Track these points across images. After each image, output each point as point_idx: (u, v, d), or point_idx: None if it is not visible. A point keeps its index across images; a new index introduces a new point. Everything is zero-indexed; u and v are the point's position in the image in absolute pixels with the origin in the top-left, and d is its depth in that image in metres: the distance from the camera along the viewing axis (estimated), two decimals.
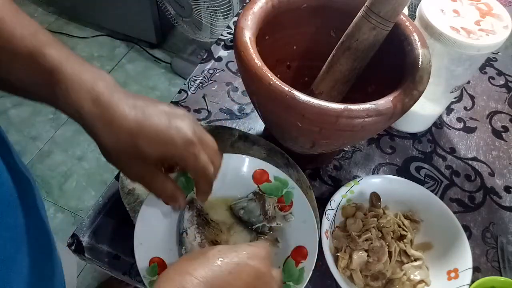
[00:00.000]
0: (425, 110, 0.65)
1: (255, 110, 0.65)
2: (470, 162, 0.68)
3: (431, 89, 0.50)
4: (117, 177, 0.58)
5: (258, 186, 0.53)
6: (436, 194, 0.60)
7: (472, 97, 0.77)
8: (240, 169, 0.53)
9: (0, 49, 0.33)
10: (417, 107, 0.50)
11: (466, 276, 0.51)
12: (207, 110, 0.69)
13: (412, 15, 0.70)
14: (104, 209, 0.57)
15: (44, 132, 1.61)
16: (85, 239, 0.54)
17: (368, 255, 0.52)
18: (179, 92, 0.71)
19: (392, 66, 0.50)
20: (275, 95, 0.43)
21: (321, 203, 0.57)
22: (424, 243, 0.56)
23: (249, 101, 0.70)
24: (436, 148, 0.69)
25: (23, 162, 0.45)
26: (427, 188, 0.59)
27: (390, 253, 0.53)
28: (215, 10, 1.39)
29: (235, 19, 0.87)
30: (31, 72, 0.33)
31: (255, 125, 0.68)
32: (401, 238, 0.55)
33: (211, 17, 1.42)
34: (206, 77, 0.74)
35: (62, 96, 0.33)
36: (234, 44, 0.47)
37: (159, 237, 0.48)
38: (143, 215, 0.47)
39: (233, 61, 0.77)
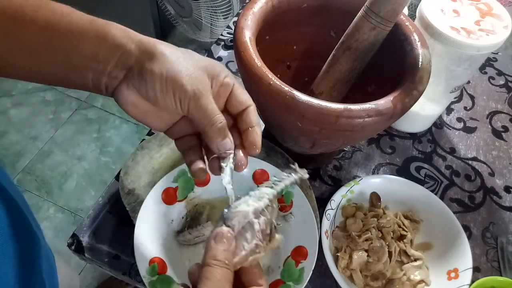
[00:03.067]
0: (425, 110, 0.65)
1: None
2: (470, 162, 0.68)
3: (431, 89, 0.50)
4: (117, 177, 0.58)
5: (258, 186, 0.53)
6: (436, 194, 0.60)
7: (472, 97, 0.77)
8: None
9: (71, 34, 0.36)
10: (417, 107, 0.50)
11: (466, 276, 0.51)
12: None
13: (412, 15, 0.70)
14: (104, 209, 0.57)
15: (44, 132, 1.61)
16: (85, 239, 0.55)
17: (368, 255, 0.52)
18: None
19: (392, 66, 0.50)
20: (275, 95, 0.43)
21: (321, 203, 0.57)
22: (424, 243, 0.56)
23: None
24: (436, 148, 0.69)
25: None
26: (427, 188, 0.59)
27: (390, 253, 0.53)
28: (215, 10, 1.39)
29: (235, 19, 0.87)
30: (98, 49, 0.36)
31: None
32: (401, 238, 0.55)
33: (211, 17, 1.42)
34: None
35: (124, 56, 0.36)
36: (234, 44, 0.47)
37: (159, 237, 0.48)
38: (143, 215, 0.47)
39: (233, 61, 0.76)
